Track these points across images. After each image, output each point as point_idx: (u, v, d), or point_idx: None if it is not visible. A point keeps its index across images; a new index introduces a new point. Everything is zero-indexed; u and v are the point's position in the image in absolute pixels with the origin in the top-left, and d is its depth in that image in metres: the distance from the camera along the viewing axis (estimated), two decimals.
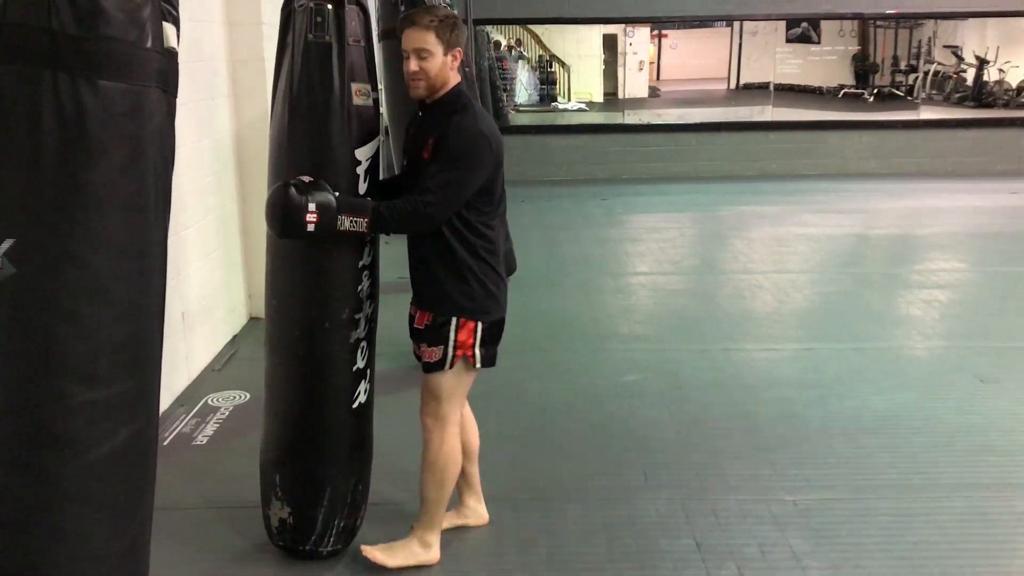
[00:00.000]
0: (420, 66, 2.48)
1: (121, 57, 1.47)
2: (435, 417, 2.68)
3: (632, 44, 16.49)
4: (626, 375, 4.45)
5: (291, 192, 2.41)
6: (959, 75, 14.36)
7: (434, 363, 2.63)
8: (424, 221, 2.50)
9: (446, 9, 2.56)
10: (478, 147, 2.50)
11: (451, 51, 2.51)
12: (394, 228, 2.52)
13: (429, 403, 2.69)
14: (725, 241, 7.87)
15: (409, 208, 2.48)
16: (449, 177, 2.47)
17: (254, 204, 5.05)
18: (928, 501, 3.17)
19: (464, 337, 2.60)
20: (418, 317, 2.66)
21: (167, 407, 3.99)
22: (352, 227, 2.46)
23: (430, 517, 2.76)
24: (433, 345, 2.62)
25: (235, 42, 4.98)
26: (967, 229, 8.06)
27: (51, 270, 1.46)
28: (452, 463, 2.71)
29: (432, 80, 2.51)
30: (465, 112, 2.55)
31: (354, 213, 2.46)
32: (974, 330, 5.18)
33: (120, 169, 1.50)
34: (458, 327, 2.59)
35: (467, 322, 2.59)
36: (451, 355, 2.60)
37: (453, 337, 2.59)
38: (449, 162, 2.48)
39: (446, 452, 2.69)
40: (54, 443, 1.50)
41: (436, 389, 2.66)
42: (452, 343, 2.60)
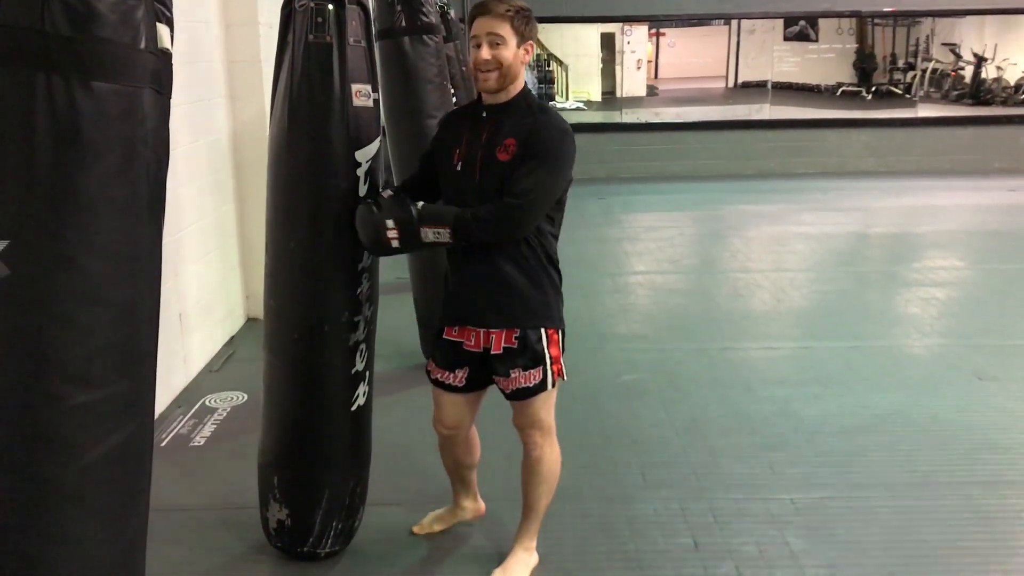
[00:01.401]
0: (492, 54, 2.37)
1: (115, 59, 1.46)
2: (542, 432, 2.61)
3: (630, 43, 16.49)
4: (624, 374, 4.45)
5: (371, 211, 2.40)
6: (957, 73, 14.36)
7: (534, 387, 2.51)
8: (516, 227, 2.38)
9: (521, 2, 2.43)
10: (568, 146, 2.42)
11: (524, 44, 2.41)
12: (479, 235, 2.38)
13: (532, 425, 2.59)
14: (723, 240, 7.87)
15: (500, 214, 2.35)
16: (543, 178, 2.36)
17: (252, 205, 5.05)
18: (926, 499, 3.17)
19: (556, 352, 2.52)
20: (495, 340, 2.50)
21: (165, 408, 3.99)
22: (436, 238, 2.38)
23: (536, 524, 2.74)
24: (530, 368, 2.49)
25: (232, 42, 4.97)
26: (965, 227, 8.07)
27: (44, 272, 1.45)
28: (559, 466, 2.69)
29: (504, 71, 2.38)
30: (548, 111, 2.47)
31: (436, 224, 2.38)
32: (972, 328, 5.18)
33: (114, 171, 1.50)
34: (548, 341, 2.50)
35: (553, 334, 2.51)
36: (551, 374, 2.51)
37: (549, 355, 2.50)
38: (542, 161, 2.36)
39: (556, 459, 2.67)
40: (48, 445, 1.50)
41: (535, 410, 2.56)
42: (549, 360, 2.50)
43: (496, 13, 2.37)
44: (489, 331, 2.50)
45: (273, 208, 2.62)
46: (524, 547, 2.75)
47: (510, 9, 2.38)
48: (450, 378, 2.62)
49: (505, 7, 2.37)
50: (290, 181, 2.55)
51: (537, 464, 2.64)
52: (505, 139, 2.40)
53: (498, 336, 2.49)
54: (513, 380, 2.51)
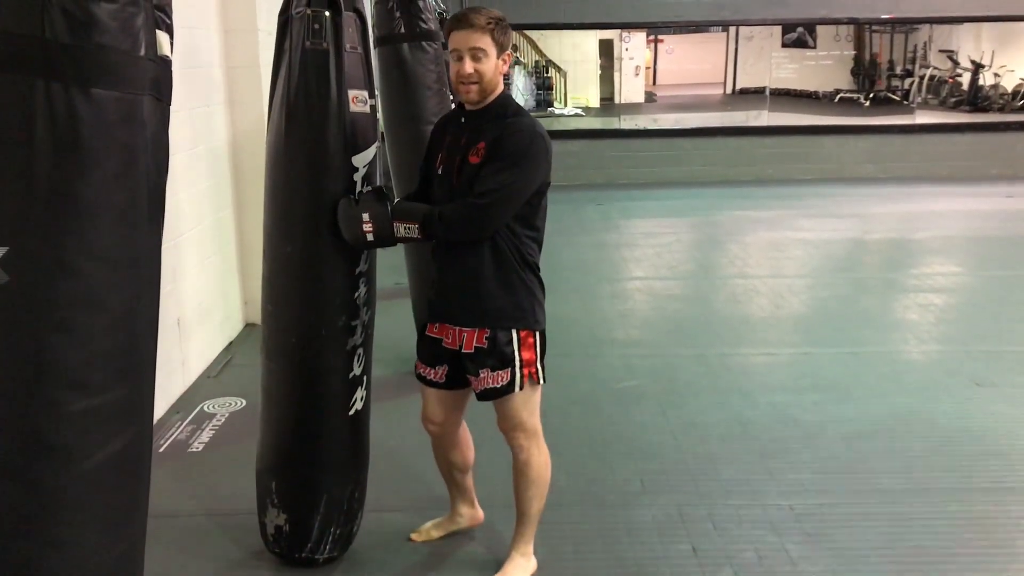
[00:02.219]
0: (475, 68, 2.40)
1: (114, 66, 1.46)
2: (526, 434, 2.61)
3: (628, 49, 16.53)
4: (623, 380, 4.46)
5: (350, 204, 2.45)
6: (955, 79, 14.40)
7: (502, 387, 2.53)
8: (480, 225, 2.42)
9: (497, 11, 2.46)
10: (537, 148, 2.44)
11: (503, 54, 2.46)
12: (445, 233, 2.43)
13: (516, 425, 2.60)
14: (722, 246, 7.88)
15: (464, 212, 2.40)
16: (507, 178, 2.39)
17: (250, 210, 5.05)
18: (925, 505, 3.17)
19: (528, 355, 2.53)
20: (466, 339, 2.53)
21: (163, 414, 3.99)
22: (407, 233, 2.43)
23: (531, 529, 2.74)
24: (498, 369, 2.51)
25: (231, 49, 4.98)
26: (963, 233, 8.08)
27: (44, 279, 1.45)
28: (549, 469, 2.69)
29: (485, 83, 2.43)
30: (520, 114, 2.51)
31: (406, 219, 2.42)
32: (970, 334, 5.18)
33: (113, 177, 1.50)
34: (520, 344, 2.52)
35: (527, 336, 2.53)
36: (519, 376, 2.52)
37: (518, 356, 2.51)
38: (507, 162, 2.39)
39: (545, 463, 2.67)
40: (47, 451, 1.49)
41: (514, 412, 2.58)
42: (519, 363, 2.51)
43: (477, 26, 2.40)
44: (462, 330, 2.54)
45: (270, 213, 2.63)
46: (521, 553, 2.74)
47: (490, 21, 2.41)
48: (431, 374, 2.67)
49: (485, 19, 2.41)
50: (287, 186, 2.56)
51: (525, 468, 2.65)
52: (478, 142, 2.46)
53: (469, 335, 2.53)
54: (482, 380, 2.54)
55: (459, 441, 2.83)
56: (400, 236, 2.45)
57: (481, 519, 3.00)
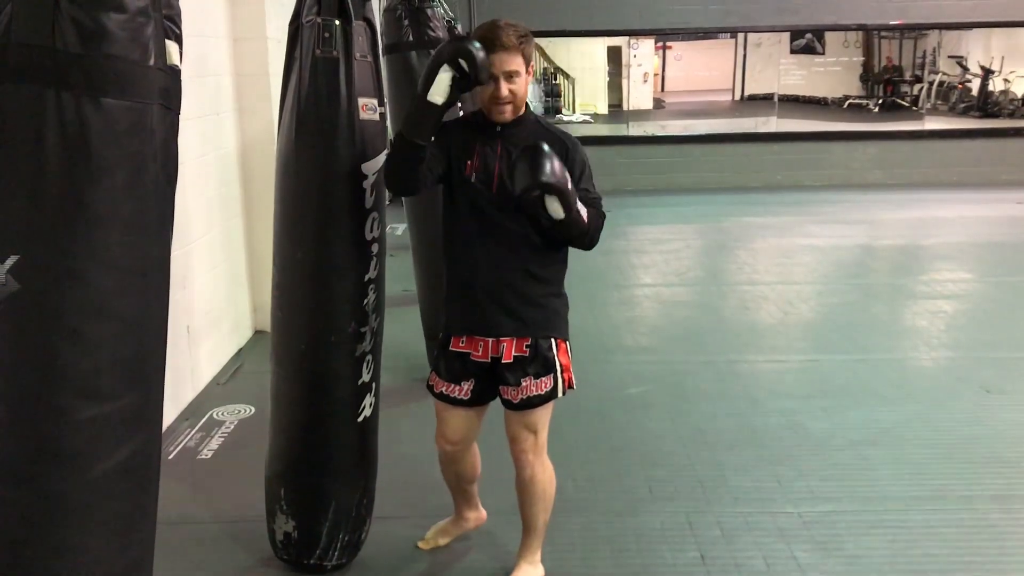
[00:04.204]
0: (511, 89, 2.38)
1: (124, 75, 1.48)
2: (535, 451, 2.60)
3: (636, 56, 16.51)
4: (631, 387, 4.45)
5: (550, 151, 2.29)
6: (964, 85, 14.35)
7: (546, 394, 2.50)
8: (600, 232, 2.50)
9: (519, 24, 2.43)
10: (584, 155, 2.52)
11: (529, 67, 2.44)
12: (593, 231, 2.46)
13: (528, 439, 2.57)
14: (730, 252, 7.87)
15: (600, 221, 2.47)
16: (596, 190, 2.51)
17: (259, 218, 5.07)
18: (934, 513, 3.16)
19: (565, 360, 2.53)
20: (505, 349, 2.49)
21: (172, 421, 4.00)
22: (580, 216, 2.36)
23: (538, 539, 2.74)
24: (542, 376, 2.49)
25: (240, 57, 5.00)
26: (973, 239, 8.04)
27: (54, 287, 1.46)
28: (554, 483, 2.68)
29: (519, 102, 2.44)
30: (552, 127, 2.57)
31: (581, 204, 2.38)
32: (980, 341, 5.16)
33: (123, 186, 1.51)
34: (558, 350, 2.52)
35: (562, 343, 2.54)
36: (562, 382, 2.52)
37: (559, 362, 2.51)
38: (590, 175, 2.49)
39: (550, 477, 2.66)
40: (56, 458, 1.50)
41: (539, 421, 2.56)
42: (560, 368, 2.51)
43: (511, 47, 2.35)
44: (500, 340, 2.50)
45: (280, 220, 2.64)
46: (528, 561, 2.75)
47: (520, 40, 2.37)
48: (455, 391, 2.60)
49: (515, 38, 2.36)
50: (297, 193, 2.58)
51: (530, 484, 2.63)
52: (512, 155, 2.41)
53: (508, 344, 2.49)
54: (524, 388, 2.50)
55: (472, 456, 2.81)
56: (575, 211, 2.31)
57: (485, 518, 3.01)
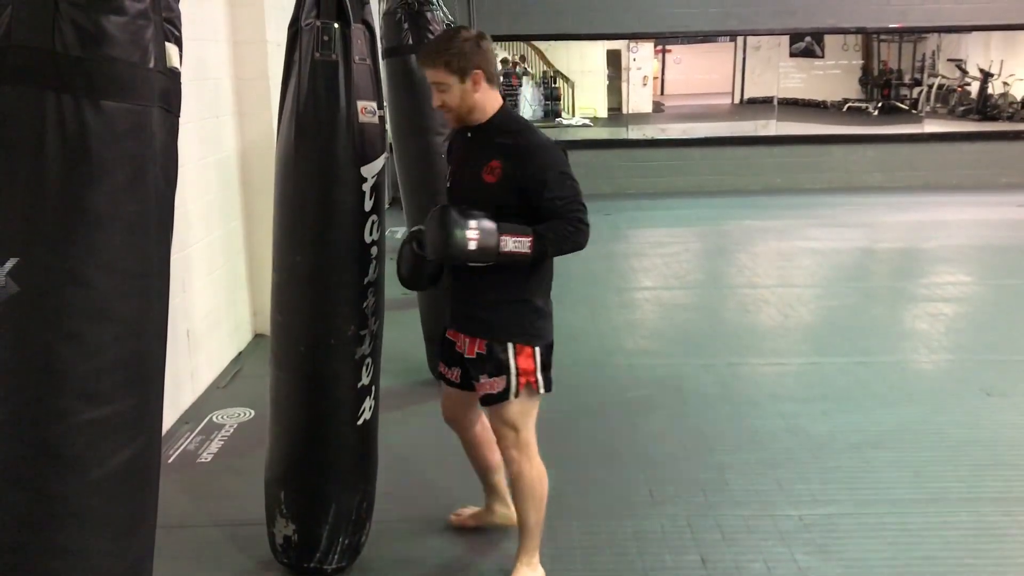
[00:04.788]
0: (441, 99, 2.50)
1: (124, 78, 1.48)
2: (517, 447, 2.62)
3: (636, 59, 16.55)
4: (631, 390, 4.45)
5: (452, 212, 2.40)
6: (963, 88, 14.38)
7: (497, 394, 2.56)
8: (579, 238, 2.48)
9: (456, 34, 2.50)
10: (561, 158, 2.51)
11: (468, 77, 2.47)
12: (554, 250, 2.48)
13: (507, 435, 2.62)
14: (730, 255, 7.87)
15: (571, 229, 2.45)
16: (571, 191, 2.47)
17: (259, 221, 5.07)
18: (935, 516, 3.15)
19: (524, 364, 2.55)
20: (468, 346, 2.60)
21: (172, 424, 4.00)
22: (516, 247, 2.40)
23: (533, 540, 2.73)
24: (495, 376, 2.55)
25: (240, 60, 5.01)
26: (972, 242, 8.05)
27: (53, 289, 1.46)
28: (544, 482, 2.68)
29: (456, 110, 2.51)
30: (524, 131, 2.55)
31: (517, 234, 2.41)
32: (980, 343, 5.16)
33: (123, 189, 1.51)
34: (516, 354, 2.55)
35: (524, 348, 2.56)
36: (515, 384, 2.55)
37: (513, 365, 2.54)
38: (558, 181, 2.46)
39: (538, 476, 2.67)
40: (56, 461, 1.50)
41: (509, 419, 2.59)
42: (514, 371, 2.55)
43: (430, 61, 2.48)
44: (466, 336, 2.62)
45: (280, 223, 2.64)
46: (525, 563, 2.75)
47: (441, 53, 2.47)
48: (449, 374, 2.75)
49: (434, 56, 2.48)
50: (296, 196, 2.58)
51: (517, 480, 2.67)
52: (490, 161, 2.49)
53: (471, 343, 2.60)
54: (481, 386, 2.60)
55: (480, 441, 2.87)
56: (507, 250, 2.40)
57: (515, 521, 3.00)
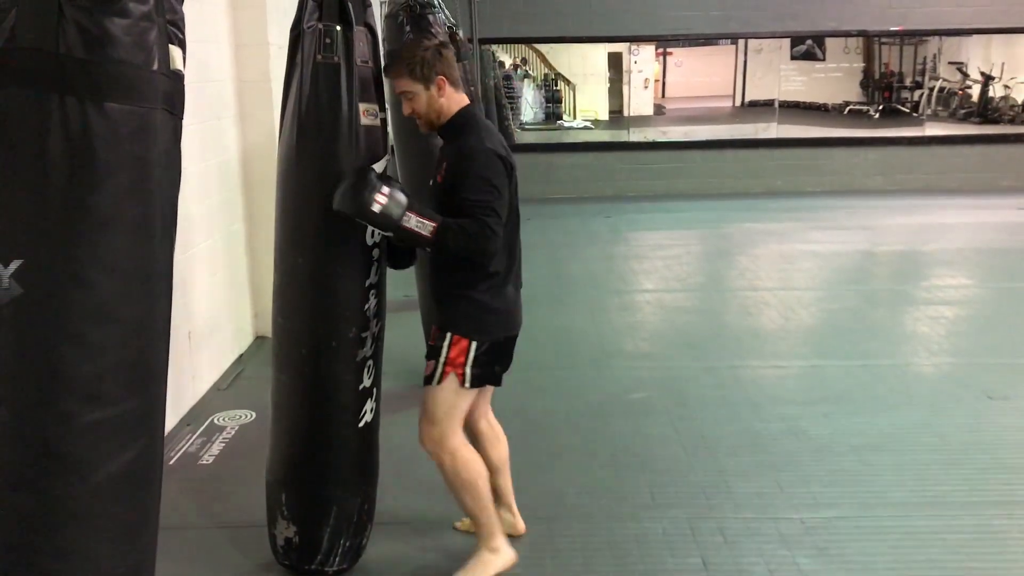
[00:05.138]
0: (411, 107, 2.59)
1: (128, 80, 1.48)
2: (434, 441, 2.67)
3: (637, 62, 16.52)
4: (632, 393, 4.45)
5: (369, 173, 2.46)
6: (964, 91, 14.37)
7: (426, 377, 2.66)
8: (487, 245, 2.49)
9: (417, 44, 2.59)
10: (488, 164, 2.53)
11: (432, 84, 2.56)
12: (460, 242, 2.49)
13: (425, 427, 2.69)
14: (731, 258, 7.87)
15: (476, 230, 2.47)
16: (485, 198, 2.49)
17: (261, 224, 5.07)
18: (937, 519, 3.15)
19: (455, 355, 2.61)
20: (432, 333, 2.71)
21: (173, 426, 4.00)
22: (418, 228, 2.44)
23: (483, 527, 2.75)
24: (429, 359, 2.66)
25: (242, 63, 5.01)
26: (973, 245, 8.04)
27: (57, 291, 1.47)
28: (471, 471, 2.68)
29: (425, 116, 2.61)
30: (470, 134, 2.59)
31: (424, 216, 2.46)
32: (981, 346, 5.16)
33: (127, 190, 1.51)
34: (451, 344, 2.61)
35: (460, 340, 2.61)
36: (439, 371, 2.62)
37: (445, 353, 2.61)
38: (474, 185, 2.50)
39: (461, 465, 2.67)
40: (59, 463, 1.51)
41: (430, 405, 2.67)
42: (443, 359, 2.61)
43: (394, 72, 2.58)
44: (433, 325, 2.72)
45: (282, 225, 2.65)
46: (487, 547, 2.76)
47: (403, 63, 2.56)
48: None
49: (397, 67, 2.57)
50: (298, 198, 2.59)
51: (441, 470, 2.71)
52: (442, 162, 2.64)
53: (434, 330, 2.69)
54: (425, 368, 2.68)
55: (476, 436, 2.90)
56: (407, 226, 2.44)
57: (522, 530, 3.02)
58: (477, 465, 2.71)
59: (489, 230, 2.48)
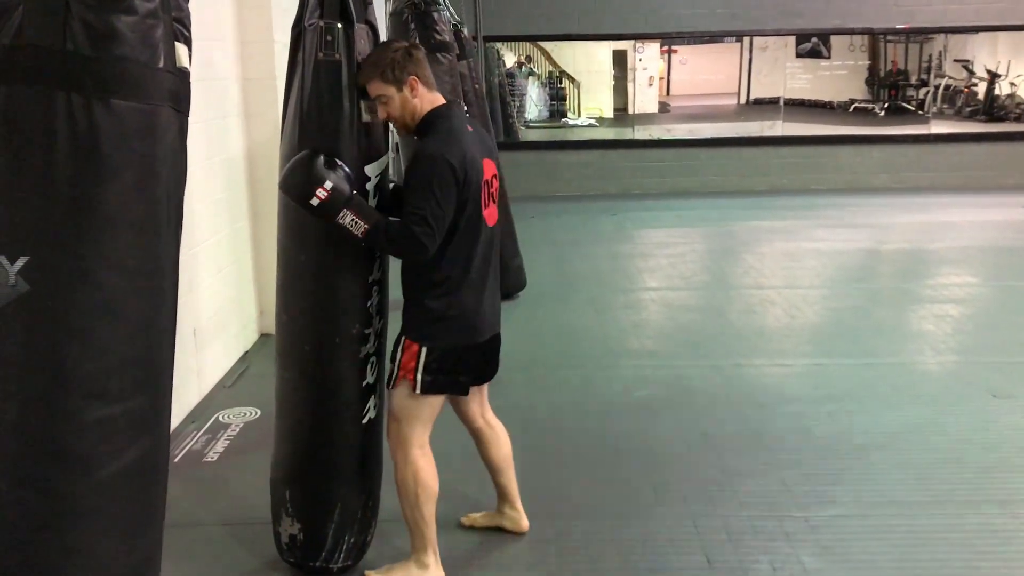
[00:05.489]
0: (386, 111, 2.57)
1: (134, 77, 1.49)
2: (396, 440, 2.69)
3: (642, 60, 16.50)
4: (636, 391, 4.45)
5: (317, 163, 2.44)
6: (970, 89, 14.33)
7: (387, 379, 2.69)
8: (415, 248, 2.47)
9: (387, 47, 2.57)
10: (435, 171, 2.47)
11: (404, 85, 2.54)
12: (386, 245, 2.51)
13: (391, 424, 2.71)
14: (736, 256, 7.86)
15: (405, 232, 2.45)
16: (422, 204, 2.45)
17: (265, 221, 5.07)
18: (941, 517, 3.15)
19: (407, 359, 2.62)
20: None
21: (178, 423, 4.01)
22: (351, 226, 2.45)
23: (417, 539, 2.74)
24: (390, 363, 2.68)
25: (247, 61, 5.02)
26: (979, 243, 8.03)
27: (63, 288, 1.47)
28: (420, 484, 2.67)
29: (400, 119, 2.59)
30: (426, 137, 2.57)
31: (361, 214, 2.45)
32: (987, 345, 5.15)
33: (132, 188, 1.52)
34: (404, 347, 2.62)
35: (411, 345, 2.61)
36: (395, 374, 2.64)
37: (399, 357, 2.63)
38: (416, 190, 2.48)
39: (411, 473, 2.67)
40: (65, 460, 1.51)
41: (392, 407, 2.69)
42: (398, 362, 2.63)
43: (367, 77, 2.52)
44: None
45: (284, 222, 2.65)
46: (414, 560, 2.75)
47: (374, 67, 2.52)
48: None
49: (371, 71, 2.52)
50: None
51: (395, 473, 2.71)
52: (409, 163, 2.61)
53: None
54: None
55: (475, 435, 2.94)
56: (341, 222, 2.44)
57: (525, 528, 3.03)
58: (427, 478, 2.68)
59: (414, 239, 2.44)
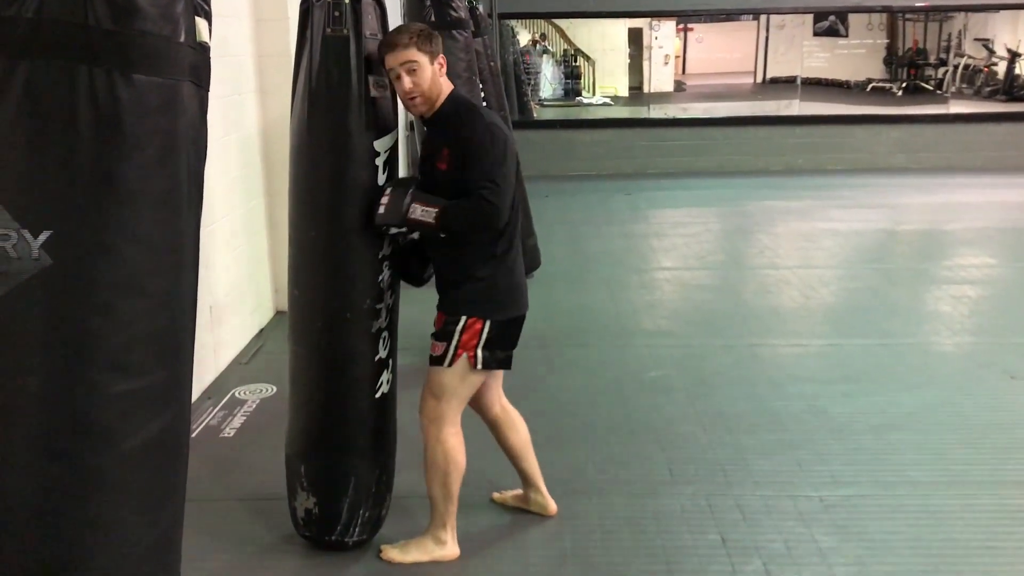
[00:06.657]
0: (413, 81, 2.53)
1: (155, 51, 1.49)
2: (431, 417, 2.70)
3: (658, 38, 16.40)
4: (651, 370, 4.45)
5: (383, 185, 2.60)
6: (990, 68, 14.17)
7: (437, 357, 2.66)
8: (490, 217, 2.52)
9: (414, 23, 2.61)
10: (496, 137, 2.55)
11: (436, 60, 2.56)
12: (462, 221, 2.54)
13: (428, 401, 2.71)
14: (751, 236, 7.83)
15: (475, 205, 2.51)
16: (492, 170, 2.52)
17: (281, 199, 5.03)
18: (956, 498, 3.14)
19: (468, 337, 2.61)
20: (436, 319, 2.70)
21: (195, 400, 4.04)
22: (422, 216, 2.51)
23: (439, 515, 2.77)
24: (439, 340, 2.65)
25: (262, 37, 5.01)
26: (997, 224, 7.96)
27: (86, 262, 1.48)
28: (451, 462, 2.70)
29: (427, 93, 2.57)
30: (472, 111, 2.62)
31: (427, 203, 2.52)
32: (1004, 326, 5.12)
33: (154, 162, 1.52)
34: (464, 327, 2.61)
35: (475, 322, 2.61)
36: (452, 353, 2.62)
37: (458, 336, 2.61)
38: (483, 157, 2.52)
39: (443, 452, 2.69)
40: (88, 433, 1.52)
41: (435, 386, 2.68)
42: (456, 341, 2.62)
43: (401, 44, 2.51)
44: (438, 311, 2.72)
45: (295, 198, 2.67)
46: (431, 535, 2.78)
47: (412, 35, 2.53)
48: None
49: (407, 36, 2.52)
50: (311, 171, 2.61)
51: (425, 450, 2.73)
52: (441, 148, 2.61)
53: (438, 317, 2.70)
54: (431, 348, 2.68)
55: (493, 423, 2.93)
56: (414, 218, 2.52)
57: (553, 511, 3.03)
58: (458, 456, 2.72)
59: (491, 206, 2.52)
